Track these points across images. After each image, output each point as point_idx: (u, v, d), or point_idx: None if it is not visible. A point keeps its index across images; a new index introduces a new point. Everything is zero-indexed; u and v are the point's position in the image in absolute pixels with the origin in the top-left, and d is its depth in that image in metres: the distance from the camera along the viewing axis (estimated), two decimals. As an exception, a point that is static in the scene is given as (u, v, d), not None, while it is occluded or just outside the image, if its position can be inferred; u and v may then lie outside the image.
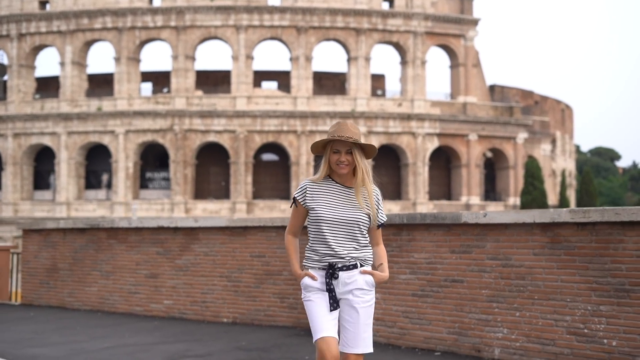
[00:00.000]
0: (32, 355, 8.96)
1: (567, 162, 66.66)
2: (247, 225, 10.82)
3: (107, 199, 51.51)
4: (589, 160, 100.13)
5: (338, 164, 4.62)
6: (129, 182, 50.44)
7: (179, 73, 50.70)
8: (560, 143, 64.88)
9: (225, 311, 11.06)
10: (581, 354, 7.25)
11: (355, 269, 4.63)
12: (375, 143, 50.86)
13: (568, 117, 68.07)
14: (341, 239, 4.62)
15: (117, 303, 12.36)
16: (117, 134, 50.29)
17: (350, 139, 4.56)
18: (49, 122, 50.80)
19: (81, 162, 51.64)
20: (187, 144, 50.13)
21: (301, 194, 4.75)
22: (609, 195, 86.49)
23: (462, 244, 8.28)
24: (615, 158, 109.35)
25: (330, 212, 4.62)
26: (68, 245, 13.07)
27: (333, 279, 4.61)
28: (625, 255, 6.95)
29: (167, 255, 11.71)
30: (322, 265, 4.65)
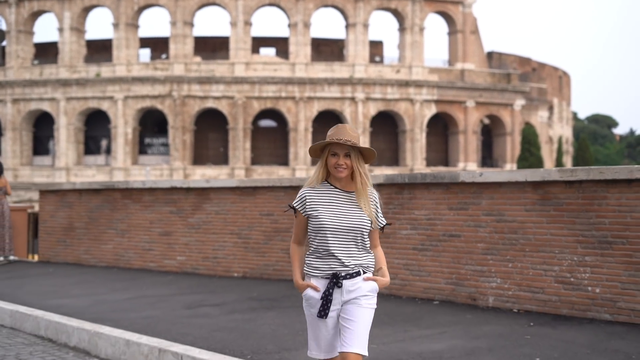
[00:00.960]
0: (58, 305, 9.69)
1: (564, 129, 67.32)
2: (256, 186, 11.55)
3: (107, 164, 52.11)
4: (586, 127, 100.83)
5: (336, 168, 4.46)
6: (128, 147, 51.01)
7: (178, 39, 51.06)
8: (557, 110, 65.47)
9: (235, 266, 11.82)
10: (568, 301, 7.99)
11: (359, 276, 4.50)
12: (372, 110, 51.49)
13: (566, 84, 68.60)
14: (345, 246, 4.48)
15: (132, 259, 13.12)
16: (116, 99, 50.75)
17: (348, 142, 4.43)
18: (48, 87, 51.23)
19: (80, 128, 52.17)
20: (186, 110, 50.63)
21: (300, 203, 4.58)
22: (605, 162, 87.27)
23: (459, 201, 8.99)
24: (613, 125, 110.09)
25: (334, 219, 4.47)
26: (84, 205, 13.80)
27: (336, 287, 4.46)
28: (609, 210, 7.67)
29: (180, 214, 12.45)
30: (325, 275, 4.49)
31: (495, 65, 58.98)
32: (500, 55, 60.14)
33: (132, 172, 50.19)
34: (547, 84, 63.74)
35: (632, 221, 7.46)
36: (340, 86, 51.30)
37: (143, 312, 9.16)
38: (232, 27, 50.99)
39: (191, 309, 9.25)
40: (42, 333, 8.86)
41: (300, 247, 4.69)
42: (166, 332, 7.81)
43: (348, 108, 51.27)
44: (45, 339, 8.76)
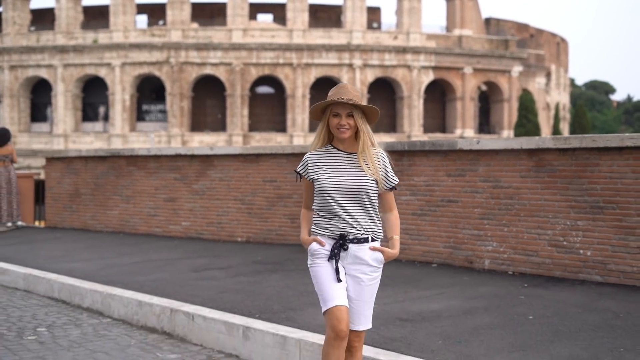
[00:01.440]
0: (69, 269, 10.06)
1: (562, 96, 67.54)
2: (259, 153, 11.88)
3: (104, 131, 52.35)
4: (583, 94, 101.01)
5: (339, 128, 4.32)
6: (126, 114, 51.22)
7: (175, 5, 51.06)
8: (555, 76, 65.65)
9: (239, 231, 12.20)
10: (560, 263, 8.37)
11: (366, 242, 4.36)
12: (370, 76, 51.65)
13: (563, 50, 68.67)
14: (350, 208, 4.34)
15: (137, 225, 13.49)
16: (114, 66, 50.86)
17: (350, 101, 4.31)
18: (45, 54, 51.30)
19: (78, 95, 52.33)
20: (183, 77, 50.78)
21: (303, 167, 4.49)
22: (603, 128, 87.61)
23: (457, 168, 9.33)
24: (610, 91, 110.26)
25: (334, 180, 4.34)
26: (90, 172, 14.15)
27: (342, 250, 4.34)
28: (600, 176, 8.01)
29: (184, 180, 12.80)
30: (331, 234, 4.36)
31: (493, 31, 59.06)
32: (498, 22, 60.20)
33: (130, 139, 50.46)
34: (545, 50, 63.83)
35: (623, 187, 7.81)
36: (337, 52, 51.43)
37: (151, 275, 9.53)
38: (230, -7, 51.00)
39: (198, 272, 9.63)
40: (56, 295, 9.24)
41: (309, 211, 4.61)
42: (175, 294, 8.17)
43: (345, 74, 51.42)
44: (58, 300, 9.13)
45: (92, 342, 7.10)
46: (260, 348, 6.40)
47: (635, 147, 7.68)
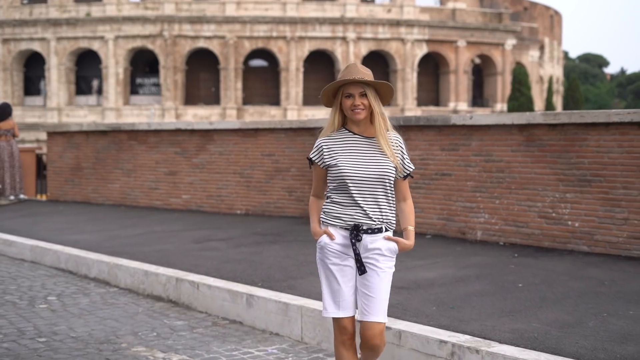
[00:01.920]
0: (75, 240, 10.41)
1: (555, 69, 67.80)
2: (258, 128, 12.20)
3: (98, 104, 52.47)
4: (577, 67, 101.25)
5: (353, 109, 4.09)
6: (119, 87, 51.33)
7: (168, -22, 51.02)
8: (548, 49, 65.85)
9: (238, 204, 12.55)
10: (549, 234, 8.75)
11: (380, 232, 4.12)
12: (364, 49, 51.78)
13: (557, 23, 68.82)
14: (370, 197, 4.08)
15: (138, 198, 13.83)
16: (107, 39, 50.87)
17: (362, 79, 4.07)
18: (38, 27, 51.27)
19: (71, 68, 52.37)
20: (177, 50, 50.84)
21: (317, 154, 4.21)
22: (596, 101, 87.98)
23: (450, 142, 9.67)
24: (604, 64, 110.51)
25: (354, 167, 4.08)
26: (91, 146, 14.45)
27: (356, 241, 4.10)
28: (588, 151, 8.37)
29: (185, 154, 13.12)
30: (344, 224, 4.13)
31: (487, 4, 59.17)
32: (492, -6, 60.26)
33: (123, 113, 50.62)
34: (539, 23, 63.98)
35: (609, 161, 8.17)
36: (331, 26, 51.52)
37: (155, 246, 9.88)
38: (223, -35, 50.93)
39: (200, 243, 9.98)
40: (63, 266, 9.58)
41: (319, 200, 4.35)
42: (180, 264, 8.53)
43: (339, 48, 51.56)
44: (65, 271, 9.49)
45: (102, 309, 7.46)
46: (264, 314, 6.77)
47: (621, 122, 8.02)
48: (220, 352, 5.96)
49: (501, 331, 5.53)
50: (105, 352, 5.97)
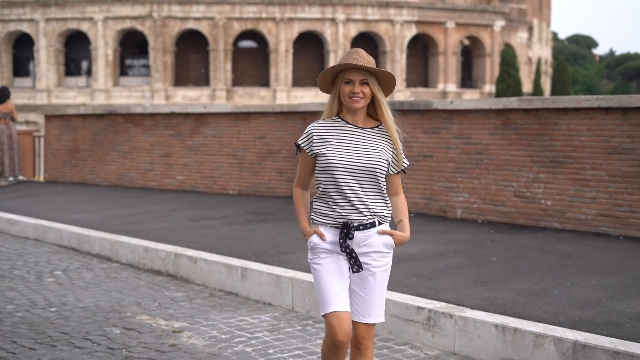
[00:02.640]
0: (76, 219, 11.00)
1: (544, 50, 68.40)
2: (250, 111, 12.80)
3: (87, 86, 52.79)
4: (566, 48, 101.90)
5: (351, 97, 3.85)
6: (109, 69, 51.66)
7: (157, -42, 51.24)
8: (537, 31, 66.42)
9: (231, 185, 13.16)
10: (524, 212, 9.40)
11: (373, 227, 3.91)
12: (353, 31, 52.23)
13: (546, 4, 69.36)
14: (360, 190, 3.86)
15: (134, 179, 14.42)
16: (96, 20, 51.12)
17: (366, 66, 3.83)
18: (27, 8, 51.46)
19: (60, 49, 52.63)
20: (166, 31, 51.17)
21: (306, 140, 3.97)
22: (584, 82, 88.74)
23: (432, 126, 10.30)
24: (592, 45, 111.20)
25: (344, 156, 3.86)
26: (88, 129, 15.02)
27: (347, 239, 3.88)
28: (560, 134, 9.00)
29: (179, 137, 13.71)
30: (334, 223, 3.90)
31: (476, -15, 59.59)
32: (481, -24, 60.67)
33: (113, 94, 50.99)
34: (527, 4, 64.49)
35: (579, 144, 8.81)
36: (320, 7, 51.90)
37: (153, 224, 10.48)
38: (212, -54, 51.19)
39: (195, 222, 10.60)
40: (65, 243, 10.18)
41: (304, 192, 4.11)
42: (178, 241, 9.14)
43: (329, 29, 51.99)
44: (68, 248, 10.08)
45: (106, 283, 8.07)
46: (257, 286, 7.39)
47: (590, 107, 8.66)
48: (218, 320, 6.58)
49: (473, 299, 6.17)
50: (112, 320, 6.58)
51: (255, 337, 6.09)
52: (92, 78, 52.07)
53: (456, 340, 5.64)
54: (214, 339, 6.02)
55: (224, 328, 6.33)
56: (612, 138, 8.50)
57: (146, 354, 5.66)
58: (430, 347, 5.79)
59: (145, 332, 6.24)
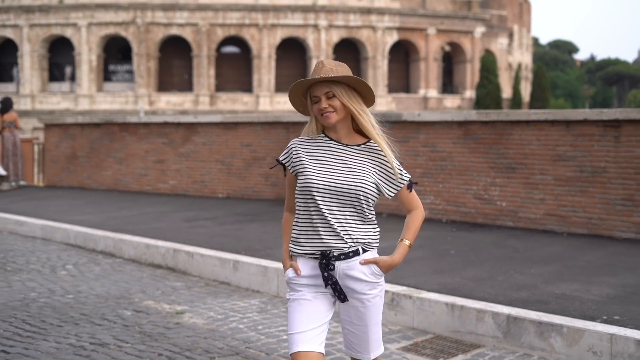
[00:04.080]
0: (80, 220, 12.25)
1: (524, 56, 70.04)
2: (237, 121, 14.11)
3: (71, 91, 53.78)
4: (547, 53, 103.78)
5: (322, 115, 3.57)
6: (93, 74, 52.70)
7: (141, -35, 52.38)
8: (517, 37, 68.04)
9: (220, 189, 14.46)
10: (483, 212, 10.74)
11: (357, 256, 3.56)
12: (335, 37, 53.54)
13: (526, 11, 71.04)
14: (341, 214, 3.54)
15: (129, 184, 15.68)
16: (80, 26, 52.17)
17: (324, 77, 3.53)
18: (10, 14, 52.43)
19: (44, 55, 53.63)
20: (150, 37, 52.30)
21: (287, 156, 3.71)
22: (565, 87, 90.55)
23: (402, 135, 11.64)
24: (573, 51, 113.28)
25: (324, 176, 3.55)
26: (85, 137, 16.28)
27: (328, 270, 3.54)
28: (513, 143, 10.36)
29: (172, 145, 14.99)
30: (313, 253, 3.57)
31: (457, -8, 61.11)
32: (462, -17, 62.21)
33: (97, 99, 52.03)
34: (508, 11, 66.11)
35: (529, 152, 10.17)
36: (303, 13, 53.21)
37: (150, 224, 11.75)
38: (196, -47, 52.40)
39: (189, 222, 11.87)
40: (72, 241, 11.42)
41: (291, 216, 3.82)
42: (175, 238, 10.41)
43: (311, 35, 53.29)
44: (75, 246, 11.32)
45: (113, 275, 9.33)
46: (247, 276, 8.68)
47: (538, 120, 10.02)
48: (214, 304, 7.85)
49: (430, 284, 7.49)
50: (122, 304, 7.83)
51: (247, 317, 7.36)
52: (76, 83, 53.09)
53: (414, 317, 6.93)
54: (211, 319, 7.28)
55: (219, 310, 7.60)
56: (557, 147, 9.87)
57: (155, 330, 6.92)
58: (394, 324, 7.08)
59: (152, 314, 7.49)
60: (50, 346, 6.37)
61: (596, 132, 9.51)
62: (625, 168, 9.27)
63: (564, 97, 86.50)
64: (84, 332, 6.78)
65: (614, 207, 9.41)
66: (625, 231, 9.34)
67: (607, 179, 9.46)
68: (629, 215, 9.29)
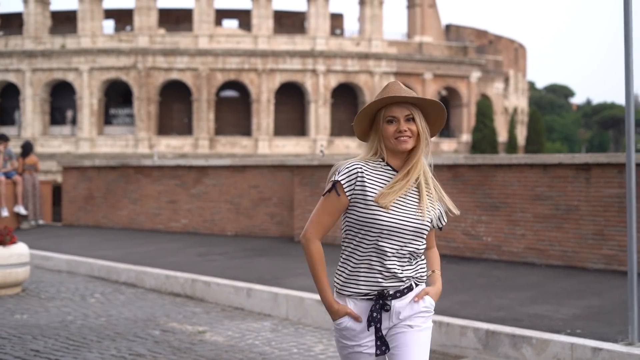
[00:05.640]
0: (102, 256, 13.54)
1: (520, 100, 71.79)
2: (245, 165, 15.49)
3: (72, 134, 55.14)
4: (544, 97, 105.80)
5: (397, 138, 3.37)
6: (94, 118, 54.12)
7: (142, 11, 54.09)
8: (513, 81, 69.84)
9: (229, 227, 15.77)
10: (470, 247, 12.05)
11: (410, 292, 3.45)
12: (333, 82, 55.20)
13: (521, 56, 72.99)
14: (401, 254, 3.39)
15: (143, 223, 17.00)
16: (81, 71, 53.72)
17: (409, 96, 3.43)
18: (13, 59, 54.03)
19: (46, 99, 55.11)
20: (151, 82, 53.85)
21: (350, 179, 3.37)
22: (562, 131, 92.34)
23: (398, 178, 12.99)
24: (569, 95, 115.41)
25: (395, 214, 3.34)
26: (102, 179, 17.64)
27: (383, 311, 3.38)
28: (497, 184, 11.71)
29: (184, 186, 16.34)
30: (368, 294, 3.38)
31: (453, 38, 63.06)
32: (458, 28, 64.23)
33: (97, 143, 53.38)
34: (503, 56, 67.98)
35: (511, 192, 11.52)
36: (301, 58, 54.87)
37: (167, 259, 13.04)
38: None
39: (202, 257, 13.16)
40: (96, 274, 12.69)
41: (320, 245, 3.50)
42: (191, 270, 11.69)
43: (309, 80, 54.90)
44: (98, 278, 12.59)
45: (137, 302, 10.59)
46: (259, 302, 9.95)
47: (519, 164, 11.39)
48: (231, 326, 9.12)
49: (421, 306, 8.76)
50: (150, 326, 9.09)
51: (261, 335, 8.63)
52: (77, 127, 54.45)
53: (407, 333, 8.18)
54: (229, 337, 8.54)
55: (236, 330, 8.87)
56: (536, 187, 11.22)
57: (183, 345, 8.18)
58: (389, 339, 8.36)
59: (177, 333, 8.76)
60: (95, 356, 7.65)
61: (569, 174, 10.87)
62: (595, 206, 10.61)
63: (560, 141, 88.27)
64: (121, 346, 8.05)
65: (585, 241, 10.73)
66: (596, 262, 10.65)
67: (579, 216, 10.79)
68: (599, 249, 10.61)
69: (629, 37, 6.96)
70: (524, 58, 73.87)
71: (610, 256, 10.49)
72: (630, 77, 6.91)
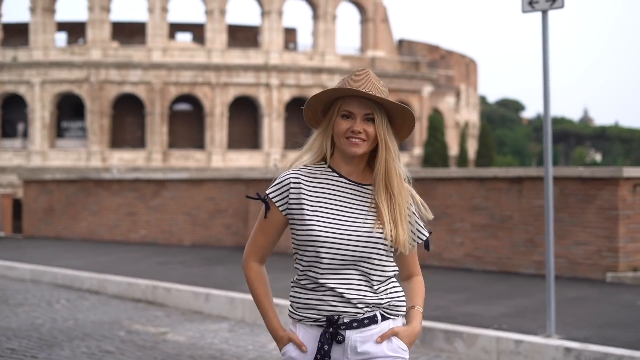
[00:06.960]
0: (65, 265, 14.30)
1: (471, 114, 73.48)
2: (202, 178, 16.38)
3: (23, 147, 55.25)
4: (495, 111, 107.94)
5: (349, 137, 2.84)
6: (45, 131, 54.26)
7: (95, 24, 54.47)
8: (464, 96, 71.50)
9: (186, 238, 16.62)
10: (414, 255, 13.07)
11: (374, 324, 2.86)
12: (287, 96, 56.14)
13: (472, 70, 74.77)
14: (351, 274, 2.86)
15: (103, 234, 17.76)
16: (33, 84, 53.88)
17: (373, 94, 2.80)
18: (-36, 71, 54.09)
19: (-3, 112, 55.19)
20: (104, 95, 54.22)
21: (280, 192, 2.94)
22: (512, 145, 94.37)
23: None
24: (520, 109, 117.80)
25: (334, 228, 2.84)
26: (62, 192, 18.37)
27: (335, 342, 2.83)
28: (438, 196, 12.76)
29: (142, 199, 17.16)
30: (318, 319, 2.86)
31: (405, 52, 64.49)
32: (410, 43, 65.74)
33: (49, 156, 53.49)
34: (455, 71, 69.61)
35: (451, 203, 12.57)
36: (255, 72, 55.69)
37: (128, 267, 13.85)
38: (150, 13, 54.65)
39: (162, 265, 14.00)
40: (60, 282, 13.45)
41: (261, 267, 3.03)
42: (152, 277, 12.52)
43: (263, 94, 55.74)
44: (62, 286, 13.35)
45: (101, 307, 11.40)
46: (217, 305, 10.83)
47: (458, 177, 12.46)
48: (191, 327, 9.99)
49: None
50: (116, 327, 9.92)
51: (219, 335, 9.51)
52: (29, 140, 54.55)
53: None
54: (190, 337, 9.41)
55: (196, 330, 9.75)
56: (473, 199, 12.29)
57: (147, 344, 9.04)
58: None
59: (142, 334, 9.61)
60: (67, 354, 8.47)
61: (504, 187, 11.96)
62: (527, 216, 11.71)
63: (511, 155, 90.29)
64: (91, 345, 8.88)
65: (518, 248, 11.82)
66: (528, 267, 11.74)
67: (512, 225, 11.88)
68: (530, 255, 11.71)
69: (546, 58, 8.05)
70: (475, 73, 75.68)
71: (540, 262, 11.58)
72: (548, 94, 7.98)
